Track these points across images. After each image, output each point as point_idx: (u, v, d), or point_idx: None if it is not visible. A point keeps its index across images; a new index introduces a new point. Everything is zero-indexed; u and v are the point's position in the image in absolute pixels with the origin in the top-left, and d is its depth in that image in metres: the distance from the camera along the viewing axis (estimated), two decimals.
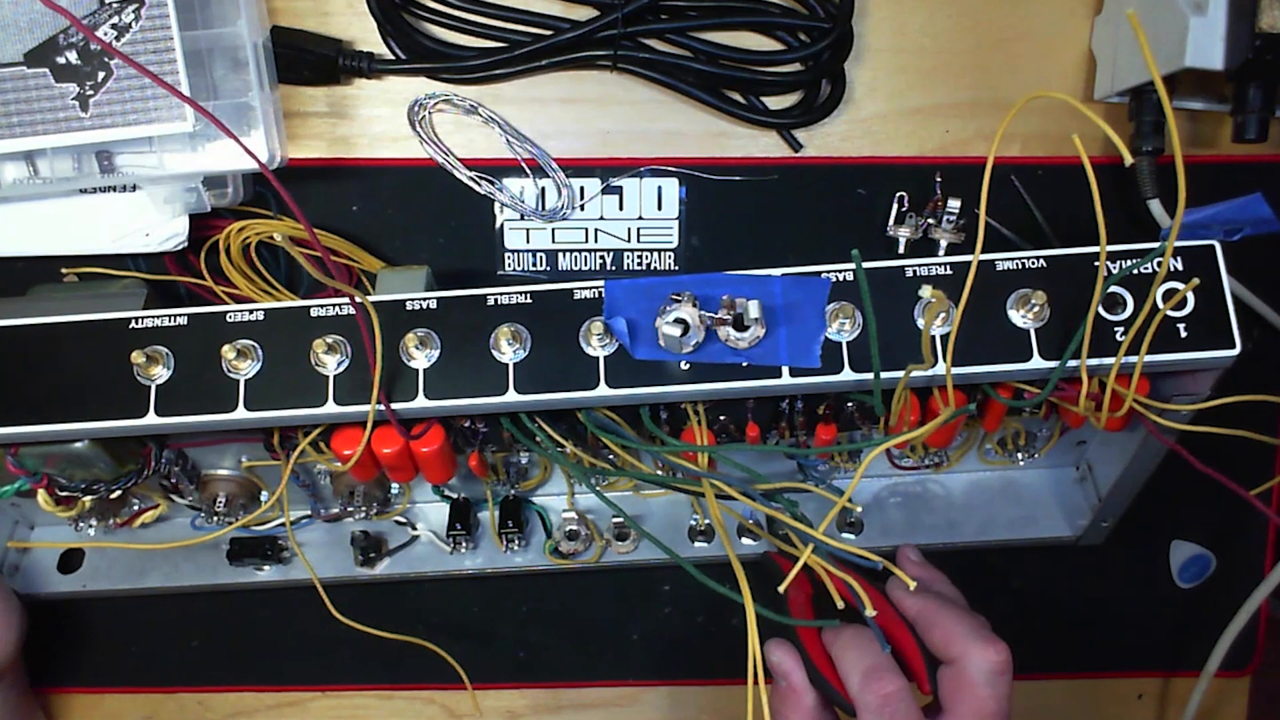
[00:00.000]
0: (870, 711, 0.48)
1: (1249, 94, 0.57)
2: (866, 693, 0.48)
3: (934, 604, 0.51)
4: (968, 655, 0.48)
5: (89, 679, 0.70)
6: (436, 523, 0.66)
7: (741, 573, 0.50)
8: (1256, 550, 0.70)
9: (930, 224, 0.63)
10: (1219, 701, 0.72)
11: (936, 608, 0.51)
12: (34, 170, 0.59)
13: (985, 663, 0.48)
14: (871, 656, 0.49)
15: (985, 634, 0.50)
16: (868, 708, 0.48)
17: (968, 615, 0.51)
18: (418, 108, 0.63)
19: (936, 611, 0.51)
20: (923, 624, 0.50)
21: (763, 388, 0.51)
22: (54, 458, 0.54)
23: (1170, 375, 0.53)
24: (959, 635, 0.49)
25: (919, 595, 0.52)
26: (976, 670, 0.48)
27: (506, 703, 0.71)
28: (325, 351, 0.51)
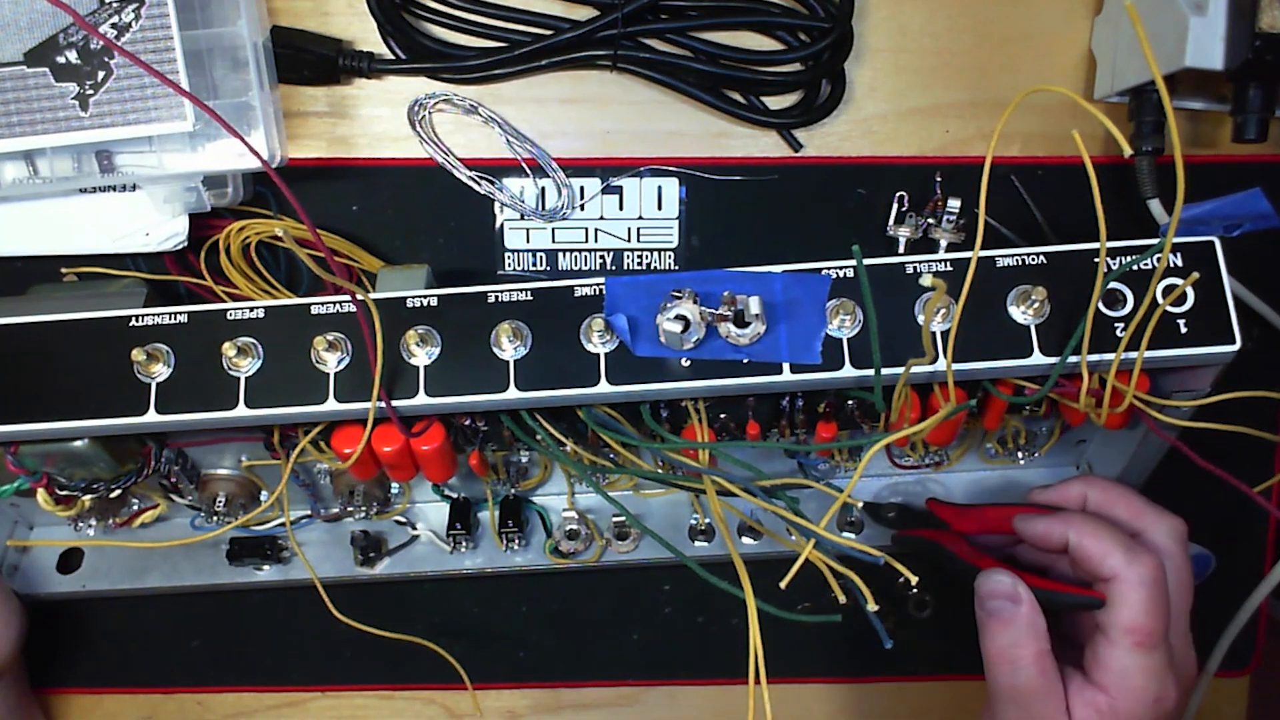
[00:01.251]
0: (1144, 584, 0.49)
1: (1249, 94, 0.57)
2: (1139, 566, 0.49)
3: (1102, 483, 0.55)
4: (1153, 524, 0.52)
5: (89, 679, 0.70)
6: (436, 522, 0.66)
7: (743, 570, 0.50)
8: (1256, 550, 0.70)
9: (930, 224, 0.63)
10: (1219, 701, 0.72)
11: (1107, 485, 0.54)
12: (34, 170, 0.59)
13: (1172, 529, 0.52)
14: (1122, 533, 0.50)
15: (1160, 507, 0.53)
16: (1141, 579, 0.49)
17: (1136, 492, 0.54)
18: (418, 108, 0.63)
19: (1110, 488, 0.54)
20: (1099, 502, 0.54)
21: (763, 384, 0.51)
22: (54, 456, 0.54)
23: (1170, 371, 0.53)
24: (1143, 509, 0.53)
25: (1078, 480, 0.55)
26: (1166, 538, 0.52)
27: (506, 703, 0.71)
28: (326, 349, 0.51)
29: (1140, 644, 0.49)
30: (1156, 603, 0.49)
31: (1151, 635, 0.49)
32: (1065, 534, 0.51)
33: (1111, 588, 0.49)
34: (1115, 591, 0.49)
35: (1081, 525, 0.51)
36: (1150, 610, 0.49)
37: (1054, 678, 0.50)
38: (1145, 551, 0.50)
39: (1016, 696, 0.51)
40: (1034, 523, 0.53)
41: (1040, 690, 0.50)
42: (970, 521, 0.57)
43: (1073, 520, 0.51)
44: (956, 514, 0.58)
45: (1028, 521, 0.53)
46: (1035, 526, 0.53)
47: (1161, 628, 0.49)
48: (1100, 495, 0.54)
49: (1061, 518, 0.52)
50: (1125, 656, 0.49)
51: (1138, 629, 0.49)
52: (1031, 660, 0.50)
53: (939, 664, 0.70)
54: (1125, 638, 0.49)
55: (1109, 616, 0.49)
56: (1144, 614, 0.49)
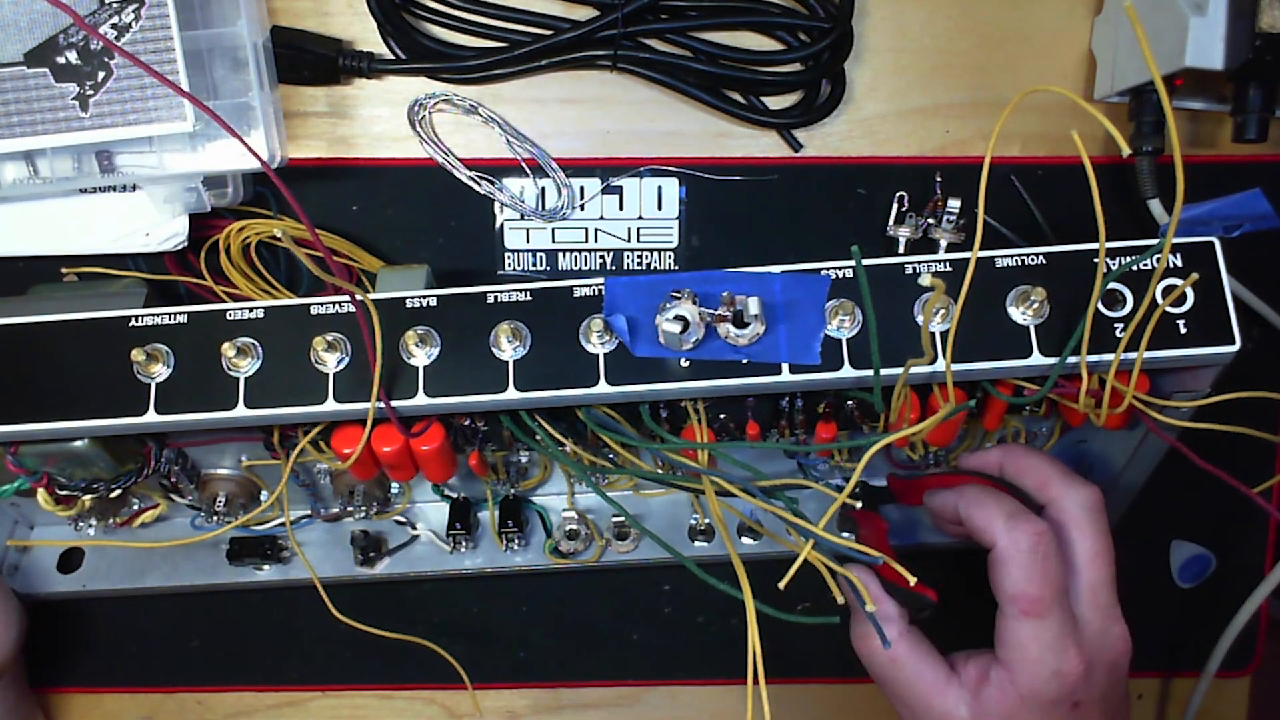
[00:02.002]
0: (1024, 551, 0.48)
1: (1249, 94, 0.57)
2: (1017, 533, 0.49)
3: (1018, 451, 0.54)
4: (1063, 495, 0.51)
5: (88, 679, 0.70)
6: (436, 522, 0.66)
7: (742, 571, 0.50)
8: (1256, 550, 0.70)
9: (930, 224, 0.63)
10: (1219, 701, 0.72)
11: (1021, 454, 0.53)
12: (34, 170, 0.59)
13: (1082, 498, 0.51)
14: (1009, 503, 0.50)
15: (1074, 476, 0.52)
16: (1020, 547, 0.48)
17: (1053, 460, 0.53)
18: (418, 108, 0.63)
19: (1022, 457, 0.53)
20: (1011, 472, 0.53)
21: (763, 385, 0.51)
22: (54, 456, 0.54)
23: (1170, 372, 0.53)
24: (1051, 478, 0.51)
25: (998, 448, 0.54)
26: (1075, 507, 0.50)
27: (506, 703, 0.71)
28: (325, 349, 0.51)
29: (1027, 612, 0.48)
30: (1038, 569, 0.48)
31: (1037, 603, 0.48)
32: (955, 505, 0.52)
33: (994, 556, 0.49)
34: (997, 559, 0.49)
35: (970, 497, 0.51)
36: (1031, 577, 0.48)
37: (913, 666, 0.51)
38: (1026, 519, 0.49)
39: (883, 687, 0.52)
40: (934, 497, 0.54)
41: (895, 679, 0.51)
42: (913, 494, 0.58)
43: (964, 493, 0.51)
44: (906, 488, 0.59)
45: (931, 497, 0.54)
46: (934, 501, 0.54)
47: (1048, 595, 0.48)
48: (1012, 464, 0.54)
49: (956, 490, 0.52)
50: (1015, 626, 0.49)
51: (1021, 596, 0.48)
52: (879, 651, 0.51)
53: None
54: (1011, 606, 0.49)
55: (996, 586, 0.49)
56: (1025, 581, 0.48)
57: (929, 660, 0.51)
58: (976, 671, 0.51)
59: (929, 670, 0.51)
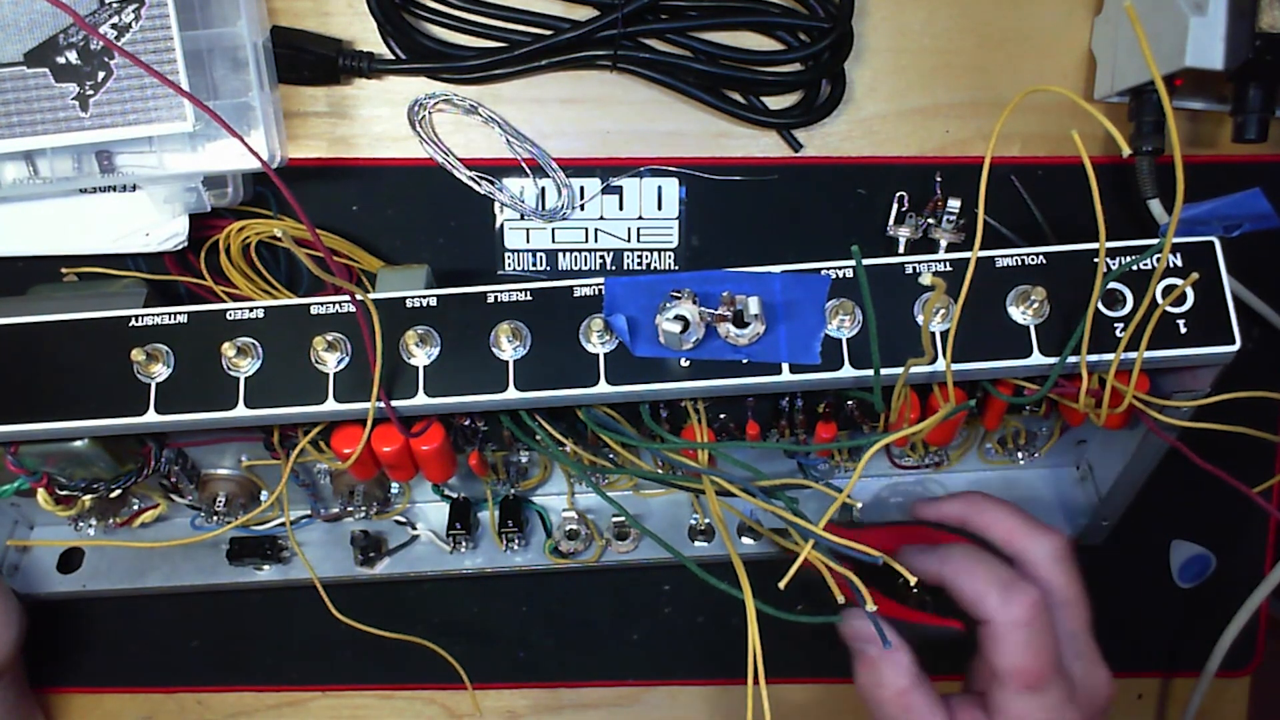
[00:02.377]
0: (1020, 626, 0.47)
1: (1249, 94, 0.57)
2: (1012, 605, 0.47)
3: (980, 503, 0.53)
4: (1031, 547, 0.50)
5: (88, 679, 0.70)
6: (436, 522, 0.66)
7: (743, 571, 0.50)
8: (1256, 550, 0.70)
9: (930, 224, 0.63)
10: (1219, 701, 0.72)
11: (984, 505, 0.52)
12: (34, 170, 0.59)
13: (1051, 549, 0.50)
14: (1001, 569, 0.49)
15: (1039, 525, 0.51)
16: (1016, 621, 0.47)
17: (1015, 509, 0.52)
18: (418, 108, 0.63)
19: (986, 510, 0.52)
20: (976, 525, 0.51)
21: (763, 384, 0.51)
22: (54, 456, 0.54)
23: (1170, 372, 0.53)
24: (1016, 529, 0.51)
25: (959, 498, 0.53)
26: (1046, 559, 0.50)
27: (506, 703, 0.71)
28: (325, 349, 0.51)
29: (1029, 685, 0.48)
30: (1037, 641, 0.48)
31: (1038, 676, 0.48)
32: (940, 573, 0.50)
33: (990, 630, 0.48)
34: (994, 635, 0.48)
35: (957, 564, 0.50)
36: (1032, 651, 0.48)
37: (924, 714, 0.50)
38: (1021, 589, 0.48)
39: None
40: (915, 558, 0.51)
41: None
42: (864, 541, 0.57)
43: (949, 558, 0.50)
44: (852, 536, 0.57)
45: (911, 557, 0.52)
46: (914, 563, 0.51)
47: (1047, 665, 0.48)
48: (976, 517, 0.53)
49: (939, 555, 0.50)
50: (1016, 700, 0.48)
51: (1022, 671, 0.48)
52: (893, 699, 0.50)
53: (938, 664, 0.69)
54: (1012, 681, 0.48)
55: (995, 661, 0.48)
56: (1025, 656, 0.47)
57: (936, 709, 0.50)
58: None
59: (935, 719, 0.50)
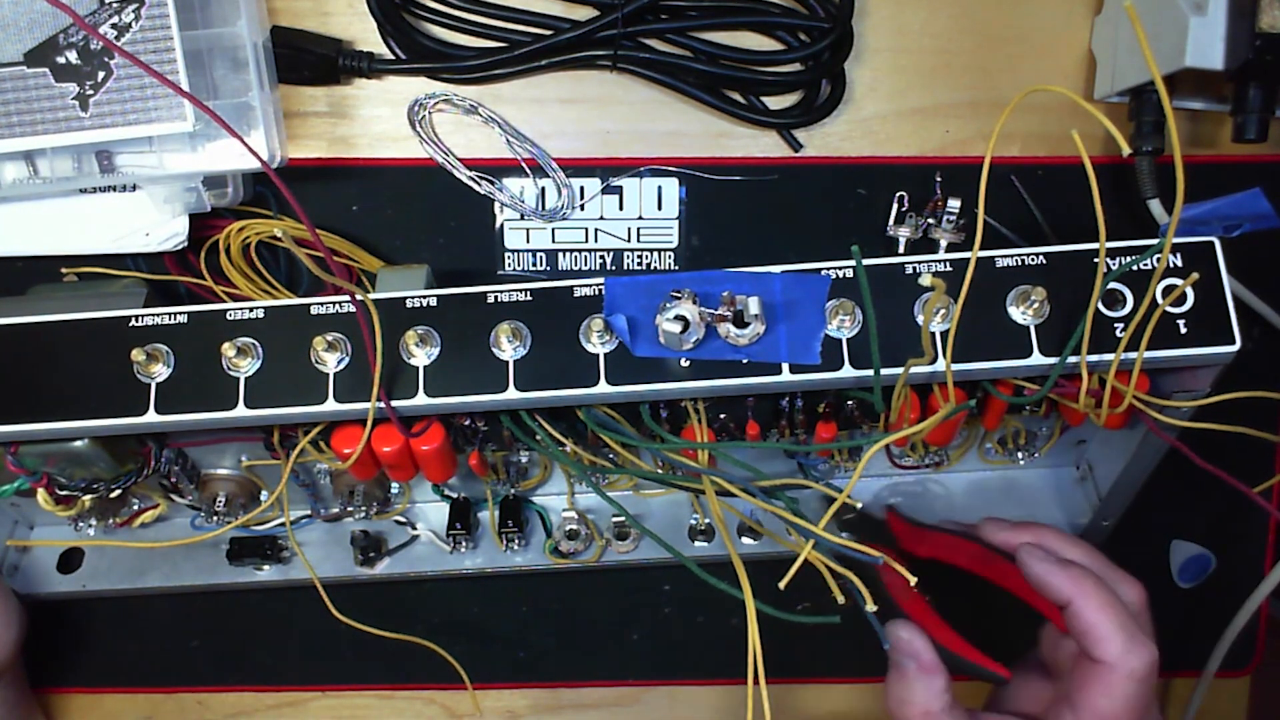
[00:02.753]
0: (1136, 680, 0.47)
1: (1249, 94, 0.57)
2: (1134, 658, 0.47)
3: (1052, 539, 0.52)
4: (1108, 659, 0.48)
5: (88, 679, 0.70)
6: (436, 522, 0.66)
7: (743, 570, 0.50)
8: (1256, 550, 0.70)
9: (930, 224, 0.63)
10: (1219, 701, 0.72)
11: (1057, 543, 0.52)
12: (34, 170, 0.59)
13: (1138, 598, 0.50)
14: (1128, 616, 0.48)
15: (1119, 572, 0.50)
16: (1134, 675, 0.47)
17: (1093, 552, 0.51)
18: (418, 108, 0.63)
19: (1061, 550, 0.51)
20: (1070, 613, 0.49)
21: (763, 384, 0.51)
22: (54, 456, 0.54)
23: (1170, 372, 0.53)
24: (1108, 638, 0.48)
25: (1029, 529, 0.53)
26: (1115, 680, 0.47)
27: (506, 703, 0.71)
28: (325, 349, 0.51)
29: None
30: (1143, 698, 0.47)
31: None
32: (1070, 597, 0.49)
33: (1099, 670, 0.48)
34: (1102, 676, 0.47)
35: (1089, 595, 0.48)
36: (1134, 706, 0.47)
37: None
38: (1146, 645, 0.47)
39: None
40: (1039, 567, 0.50)
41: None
42: (923, 545, 0.56)
43: (1082, 584, 0.49)
44: (912, 534, 0.57)
45: (1035, 564, 0.50)
46: (1038, 571, 0.50)
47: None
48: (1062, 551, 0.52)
49: (1071, 576, 0.49)
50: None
51: (1112, 717, 0.47)
52: (918, 718, 0.50)
53: None
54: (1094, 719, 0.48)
55: (1087, 698, 0.48)
56: (1126, 709, 0.47)
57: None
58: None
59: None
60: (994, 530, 0.55)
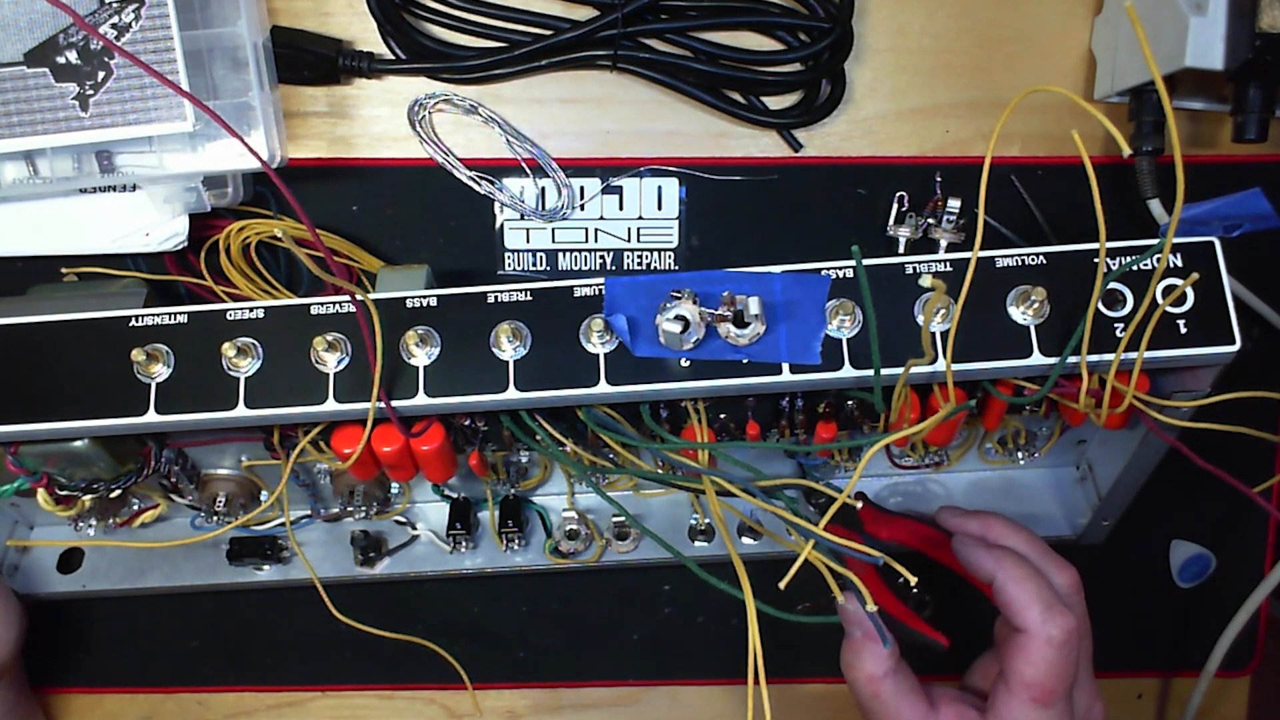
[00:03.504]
0: (1054, 645, 0.49)
1: (1249, 94, 0.57)
2: (1051, 625, 0.49)
3: (997, 527, 0.55)
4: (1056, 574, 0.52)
5: (88, 679, 0.70)
6: (436, 522, 0.66)
7: (743, 570, 0.50)
8: (1256, 550, 0.70)
9: (930, 224, 0.63)
10: (1219, 701, 0.72)
11: (1001, 530, 0.54)
12: (34, 170, 0.59)
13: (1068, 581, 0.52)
14: (1048, 588, 0.50)
15: (1054, 557, 0.53)
16: (1052, 639, 0.49)
17: (1032, 538, 0.54)
18: (418, 108, 0.63)
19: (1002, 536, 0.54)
20: (995, 588, 0.51)
21: (763, 384, 0.51)
22: (54, 456, 0.54)
23: (1170, 372, 0.53)
24: (1025, 608, 0.50)
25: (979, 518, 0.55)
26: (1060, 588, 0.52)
27: (506, 703, 0.71)
28: (325, 349, 0.51)
29: (1038, 700, 0.49)
30: (1064, 664, 0.49)
31: (1051, 694, 0.49)
32: (993, 573, 0.51)
33: (1023, 641, 0.49)
34: (1024, 644, 0.49)
35: (1009, 571, 0.51)
36: (1056, 672, 0.49)
37: (893, 704, 0.51)
38: (1064, 612, 0.49)
39: (861, 711, 0.53)
40: (968, 550, 0.53)
41: (874, 712, 0.52)
42: (886, 529, 0.57)
43: (1003, 562, 0.51)
44: (876, 518, 0.58)
45: (964, 547, 0.53)
46: (967, 553, 0.53)
47: (1063, 689, 0.49)
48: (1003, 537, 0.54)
49: (995, 556, 0.52)
50: (1020, 710, 0.49)
51: (1038, 686, 0.49)
52: (864, 682, 0.51)
53: (938, 663, 0.70)
54: (1024, 691, 0.49)
55: (1013, 666, 0.50)
56: (1048, 674, 0.49)
57: (910, 699, 0.51)
58: (955, 718, 0.51)
59: (908, 708, 0.51)
60: (947, 516, 0.57)
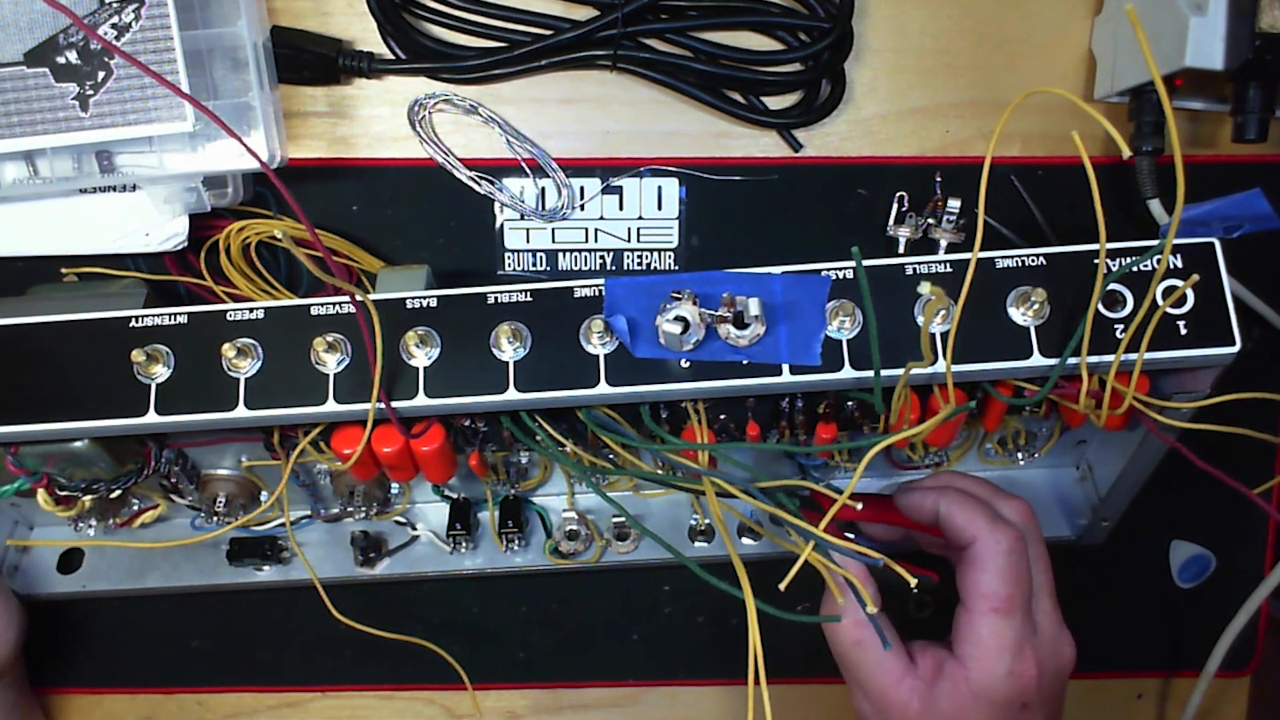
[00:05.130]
0: (1003, 552, 0.50)
1: (1249, 94, 0.57)
2: (999, 534, 0.50)
3: (951, 476, 0.56)
4: (1000, 507, 0.53)
5: (88, 679, 0.70)
6: (436, 523, 0.66)
7: (743, 571, 0.50)
8: (1256, 550, 0.70)
9: (930, 224, 0.63)
10: (1218, 701, 0.72)
11: (954, 477, 0.56)
12: (34, 170, 0.59)
13: (1017, 507, 0.53)
14: (990, 508, 0.52)
15: (1005, 492, 0.55)
16: (1000, 548, 0.50)
17: (985, 481, 0.55)
18: (418, 108, 0.63)
19: (956, 481, 0.55)
20: (942, 517, 0.53)
21: (763, 385, 0.51)
22: (54, 457, 0.54)
23: (1170, 373, 0.53)
24: (988, 494, 0.54)
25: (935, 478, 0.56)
26: (1010, 514, 0.53)
27: (506, 703, 0.71)
28: (325, 350, 0.51)
29: (996, 609, 0.50)
30: (1014, 569, 0.50)
31: (1007, 601, 0.50)
32: (936, 504, 0.53)
33: (972, 552, 0.51)
34: (975, 556, 0.50)
35: (951, 497, 0.52)
36: (1007, 577, 0.50)
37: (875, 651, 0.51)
38: (1007, 524, 0.51)
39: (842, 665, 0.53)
40: (909, 495, 0.55)
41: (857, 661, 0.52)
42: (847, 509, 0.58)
43: (945, 492, 0.53)
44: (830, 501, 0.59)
45: (904, 494, 0.55)
46: (910, 498, 0.55)
47: (1019, 595, 0.50)
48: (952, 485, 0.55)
49: (934, 490, 0.54)
50: (980, 622, 0.50)
51: (993, 594, 0.50)
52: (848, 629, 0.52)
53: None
54: (981, 603, 0.50)
55: (968, 581, 0.51)
56: (1000, 580, 0.50)
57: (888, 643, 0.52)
58: (932, 663, 0.51)
59: (889, 659, 0.52)
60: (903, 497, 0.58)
